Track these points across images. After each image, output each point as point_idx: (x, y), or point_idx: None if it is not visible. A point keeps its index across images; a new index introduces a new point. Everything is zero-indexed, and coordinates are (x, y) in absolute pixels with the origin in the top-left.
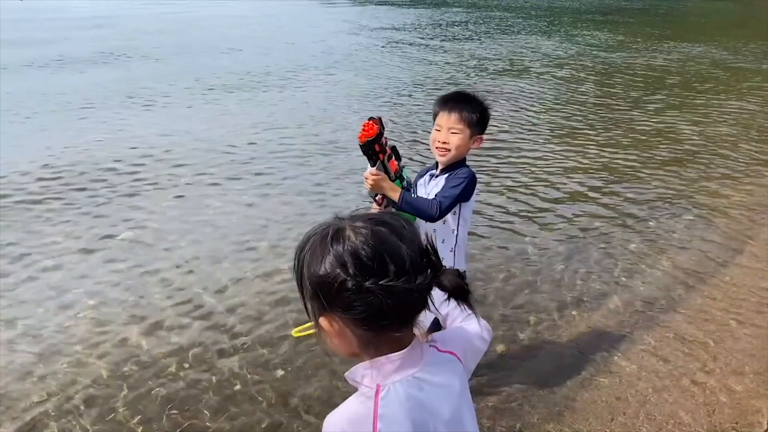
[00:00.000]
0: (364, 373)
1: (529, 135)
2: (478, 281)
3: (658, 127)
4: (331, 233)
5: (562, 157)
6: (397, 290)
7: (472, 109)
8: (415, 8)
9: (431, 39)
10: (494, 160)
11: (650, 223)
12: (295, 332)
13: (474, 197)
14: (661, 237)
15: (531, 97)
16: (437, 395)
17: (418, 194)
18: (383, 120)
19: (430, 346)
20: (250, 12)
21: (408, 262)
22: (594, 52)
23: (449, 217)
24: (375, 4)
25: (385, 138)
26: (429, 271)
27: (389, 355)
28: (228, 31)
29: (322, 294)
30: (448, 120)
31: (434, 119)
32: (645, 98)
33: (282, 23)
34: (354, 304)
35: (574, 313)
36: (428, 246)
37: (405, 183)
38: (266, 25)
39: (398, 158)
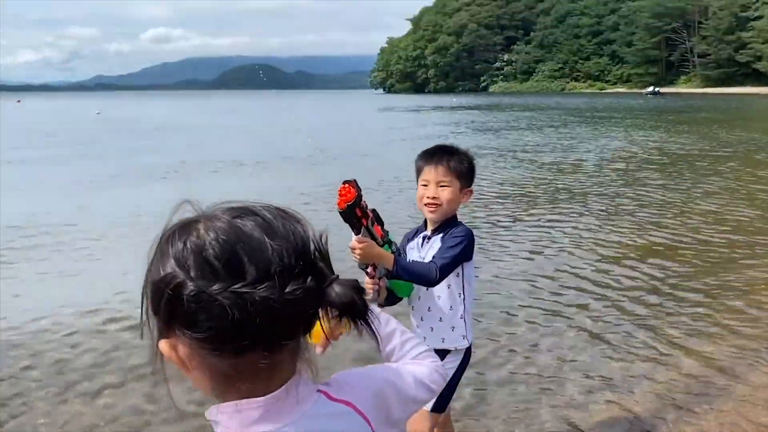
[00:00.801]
0: (216, 420)
1: (581, 217)
2: (501, 357)
3: (711, 209)
4: (177, 228)
5: (610, 238)
6: (252, 299)
7: (460, 160)
8: (470, 111)
9: (498, 138)
10: (543, 239)
11: (692, 309)
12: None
13: (475, 256)
14: (701, 323)
15: (586, 183)
16: None
17: (411, 259)
18: (358, 183)
19: (318, 390)
20: (325, 120)
21: (275, 266)
22: (648, 143)
23: (453, 280)
24: (430, 110)
25: (365, 202)
26: (309, 278)
27: (249, 399)
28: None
29: (156, 304)
30: (436, 173)
31: (418, 175)
32: (700, 183)
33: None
34: (197, 318)
35: (601, 401)
36: (317, 248)
37: (394, 248)
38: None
39: (381, 222)
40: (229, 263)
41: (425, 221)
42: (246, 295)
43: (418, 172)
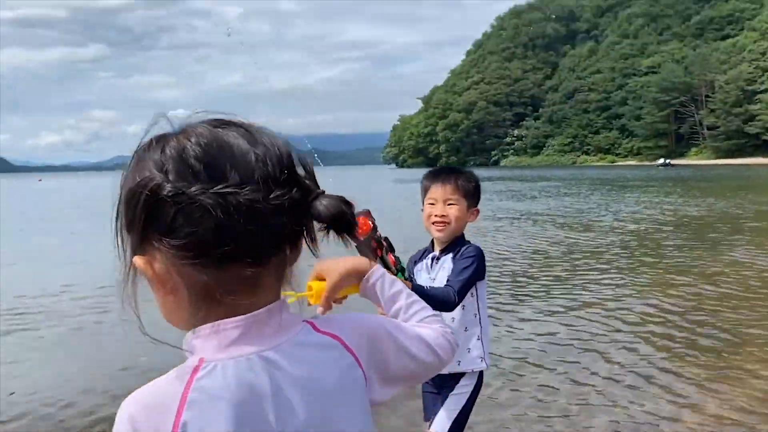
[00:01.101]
0: (191, 345)
1: (599, 273)
2: (516, 397)
3: (737, 260)
4: (155, 138)
5: (629, 285)
6: (236, 202)
7: (467, 179)
8: (483, 182)
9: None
10: (560, 287)
11: (723, 353)
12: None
13: (486, 273)
14: (731, 369)
15: (603, 241)
16: (291, 389)
17: (420, 282)
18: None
19: (304, 321)
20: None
21: (259, 172)
22: (663, 206)
23: (467, 300)
24: None
25: (379, 232)
26: (294, 189)
27: (227, 319)
28: None
29: (132, 213)
30: (444, 191)
31: (425, 194)
32: (722, 241)
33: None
34: (176, 223)
35: None
36: (303, 166)
37: (407, 274)
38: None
39: (392, 249)
40: (210, 166)
41: (432, 242)
42: (229, 197)
43: (425, 191)
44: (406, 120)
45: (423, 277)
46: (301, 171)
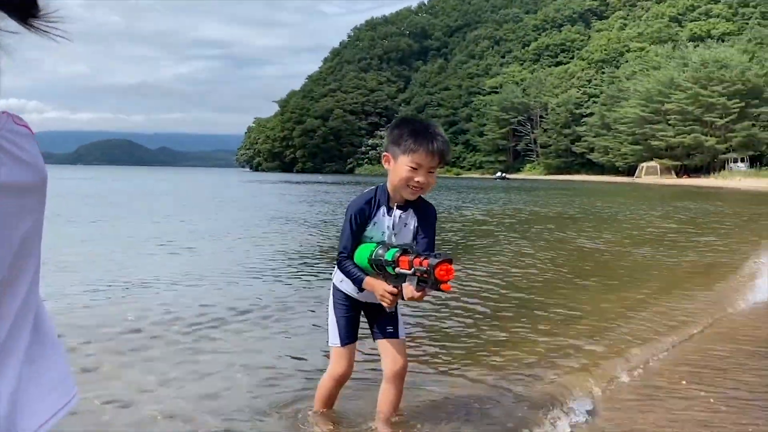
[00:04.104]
0: None
1: None
2: None
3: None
4: None
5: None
6: None
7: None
8: (330, 185)
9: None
10: None
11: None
12: None
13: None
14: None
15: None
16: (21, 170)
17: (376, 232)
18: None
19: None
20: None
21: None
22: (500, 206)
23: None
24: (294, 184)
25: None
26: None
27: None
28: None
29: None
30: (431, 160)
31: (407, 153)
32: (542, 233)
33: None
34: None
35: None
36: None
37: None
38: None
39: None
40: None
41: (385, 193)
42: None
43: (411, 151)
44: (262, 123)
45: (384, 225)
46: None
